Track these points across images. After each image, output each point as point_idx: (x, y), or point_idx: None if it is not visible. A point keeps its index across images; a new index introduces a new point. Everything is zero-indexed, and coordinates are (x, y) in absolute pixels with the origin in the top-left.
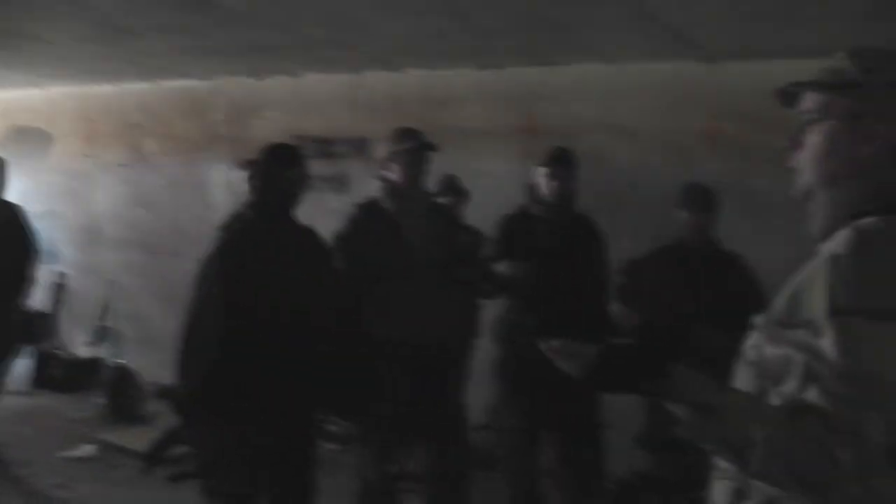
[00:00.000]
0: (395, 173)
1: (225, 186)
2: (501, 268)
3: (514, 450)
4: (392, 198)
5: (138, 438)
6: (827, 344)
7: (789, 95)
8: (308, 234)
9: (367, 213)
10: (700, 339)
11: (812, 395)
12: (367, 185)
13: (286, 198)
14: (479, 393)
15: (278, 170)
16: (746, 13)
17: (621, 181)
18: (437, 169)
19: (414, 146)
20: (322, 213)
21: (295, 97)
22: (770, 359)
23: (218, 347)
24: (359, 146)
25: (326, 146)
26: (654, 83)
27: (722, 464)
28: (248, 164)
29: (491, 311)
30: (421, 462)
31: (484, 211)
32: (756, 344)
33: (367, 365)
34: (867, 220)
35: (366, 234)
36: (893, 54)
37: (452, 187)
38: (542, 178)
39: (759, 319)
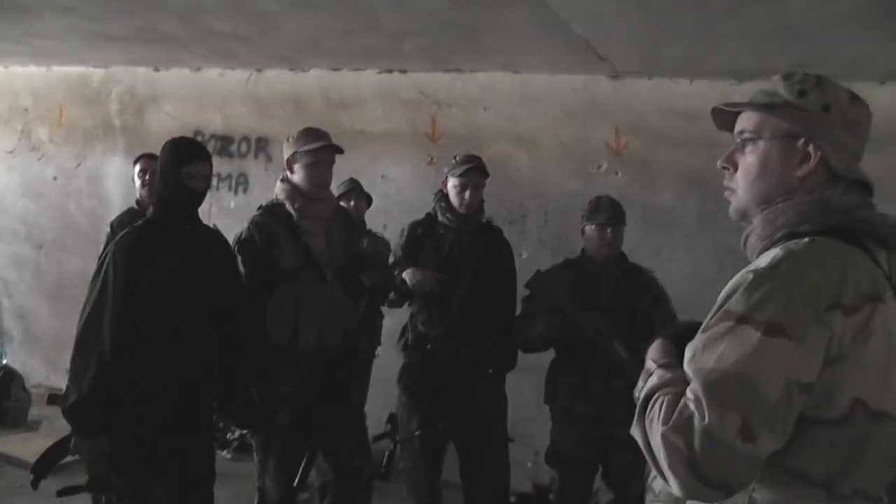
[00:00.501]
0: (298, 175)
1: (119, 180)
2: (407, 275)
3: (416, 460)
4: (295, 200)
5: (24, 446)
6: (706, 341)
7: (723, 116)
8: (211, 235)
9: (270, 215)
10: (611, 352)
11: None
12: (267, 185)
13: (189, 196)
14: (377, 402)
15: (181, 166)
16: (656, 32)
17: (524, 191)
18: (338, 172)
19: (319, 147)
20: (220, 212)
21: (194, 91)
22: None
23: (113, 353)
24: (259, 145)
25: (225, 144)
26: (560, 95)
27: (656, 486)
28: (146, 159)
29: (393, 319)
30: (322, 472)
31: (386, 216)
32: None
33: (267, 373)
34: (797, 242)
35: (268, 237)
36: (825, 79)
37: (354, 191)
38: (451, 187)
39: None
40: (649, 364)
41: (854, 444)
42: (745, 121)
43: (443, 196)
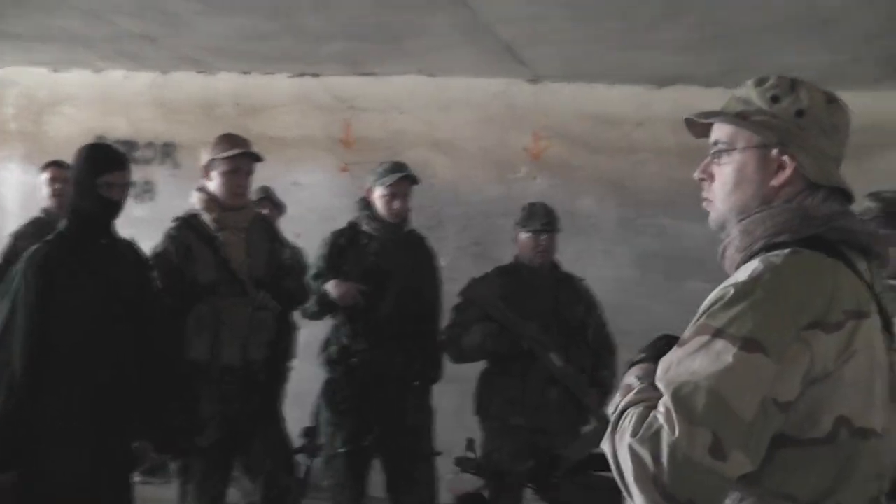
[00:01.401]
0: (215, 183)
1: (17, 188)
2: (330, 287)
3: (341, 478)
4: (212, 210)
5: None
6: (681, 355)
7: (697, 124)
8: (128, 248)
9: (186, 227)
10: (547, 362)
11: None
12: (174, 193)
13: (106, 207)
14: (291, 416)
15: (98, 175)
16: (582, 38)
17: (442, 197)
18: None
19: (237, 154)
20: (125, 222)
21: (97, 94)
22: None
23: (24, 379)
24: (165, 151)
25: (130, 149)
26: (479, 99)
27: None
28: (56, 167)
29: (309, 331)
30: (247, 492)
31: (300, 224)
32: None
33: (186, 392)
34: (777, 254)
35: (184, 250)
36: (798, 82)
37: (267, 199)
38: (379, 196)
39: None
40: (631, 380)
41: (840, 462)
42: (719, 131)
43: (366, 204)
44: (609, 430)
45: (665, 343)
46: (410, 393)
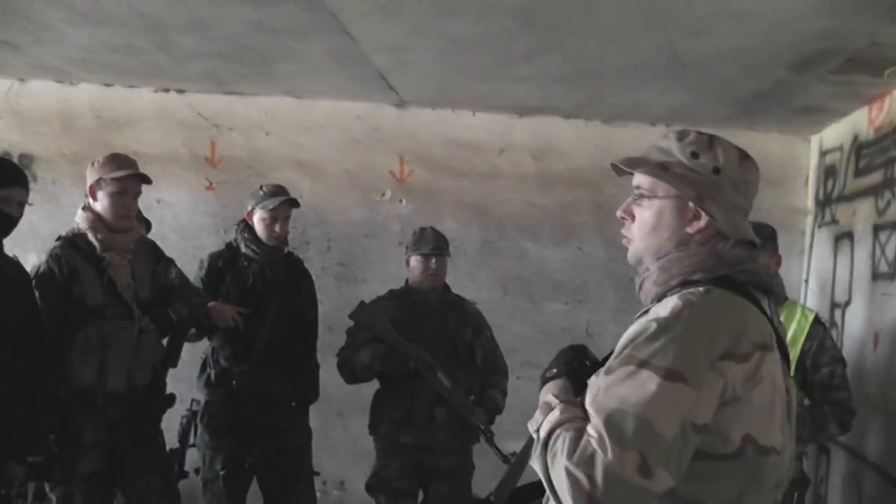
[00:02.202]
0: (101, 203)
1: None
2: (210, 308)
3: (221, 498)
4: (98, 231)
5: None
6: (608, 382)
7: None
8: (12, 266)
9: (70, 247)
10: (434, 382)
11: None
12: (30, 209)
13: (5, 224)
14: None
15: None
16: (453, 69)
17: (307, 217)
18: None
19: (126, 176)
20: None
21: None
22: None
23: None
24: (22, 163)
25: None
26: (344, 122)
27: None
28: None
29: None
30: None
31: (162, 241)
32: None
33: (66, 418)
34: (693, 291)
35: (69, 271)
36: (716, 139)
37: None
38: (259, 219)
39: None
40: (550, 398)
41: (746, 475)
42: (641, 177)
43: (246, 227)
44: (539, 448)
45: (572, 356)
46: (288, 414)
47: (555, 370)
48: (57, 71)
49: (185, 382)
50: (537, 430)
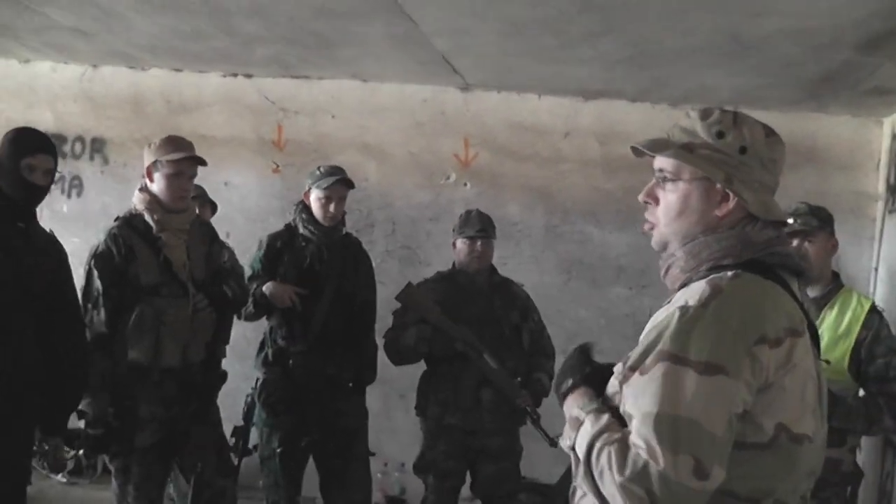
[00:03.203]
0: (158, 185)
1: None
2: (267, 289)
3: (277, 478)
4: (155, 212)
5: None
6: (649, 385)
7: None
8: (47, 239)
9: (128, 227)
10: (480, 364)
11: (630, 428)
12: (102, 189)
13: (28, 191)
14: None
15: (20, 158)
16: (514, 51)
17: (372, 201)
18: None
19: (182, 158)
20: (52, 217)
21: (22, 85)
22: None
23: None
24: (94, 146)
25: (58, 143)
26: (409, 105)
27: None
28: None
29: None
30: (183, 494)
31: (229, 224)
32: (615, 391)
33: (125, 393)
34: (721, 276)
35: (126, 251)
36: (741, 116)
37: (200, 198)
38: (315, 199)
39: (618, 366)
40: (576, 412)
41: (778, 464)
42: (664, 160)
43: (304, 207)
44: (582, 467)
45: (582, 361)
46: (345, 394)
47: (570, 381)
48: (127, 57)
49: (249, 361)
50: (572, 448)
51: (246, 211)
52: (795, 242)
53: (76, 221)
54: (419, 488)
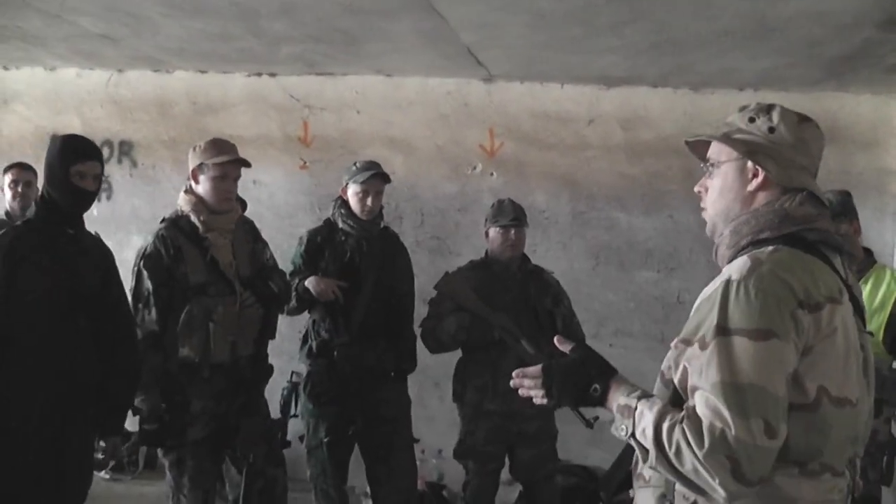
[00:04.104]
0: (203, 187)
1: None
2: (310, 283)
3: (324, 467)
4: (200, 213)
5: None
6: (709, 358)
7: (697, 147)
8: (94, 242)
9: (174, 228)
10: (518, 350)
11: (695, 402)
12: (132, 192)
13: (78, 197)
14: None
15: (70, 165)
16: (540, 42)
17: (400, 193)
18: None
19: (227, 161)
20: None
21: (49, 92)
22: (678, 378)
23: None
24: (122, 149)
25: None
26: (433, 98)
27: (646, 472)
28: (18, 169)
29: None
30: (235, 485)
31: (258, 221)
32: (669, 365)
33: (177, 389)
34: (762, 251)
35: (174, 251)
36: (774, 106)
37: None
38: (353, 193)
39: (675, 341)
40: (623, 401)
41: (821, 426)
42: (710, 150)
43: (342, 203)
44: (654, 453)
45: (592, 356)
46: (387, 384)
47: (596, 386)
48: (153, 60)
49: (285, 356)
50: (632, 436)
51: (275, 208)
52: None
53: (107, 225)
54: (457, 474)
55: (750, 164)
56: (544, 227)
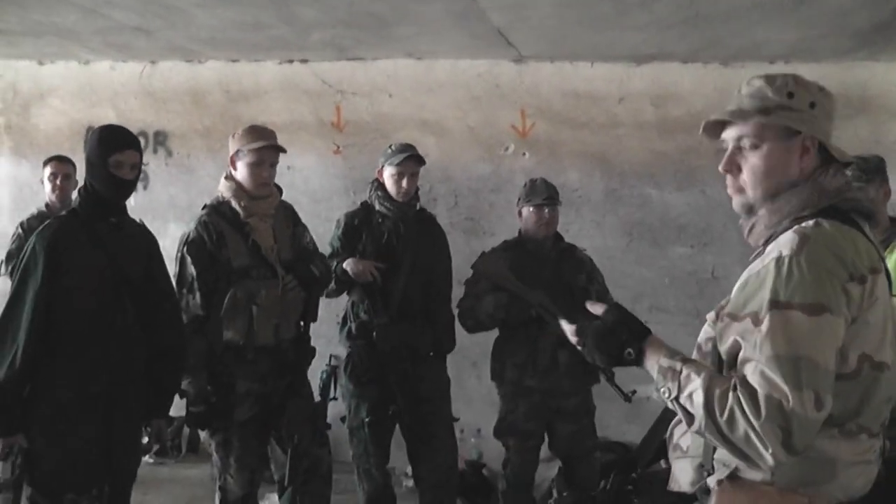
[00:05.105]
0: (241, 173)
1: (6, 182)
2: (348, 265)
3: (366, 446)
4: (241, 198)
5: None
6: (765, 332)
7: (711, 127)
8: (138, 229)
9: (216, 214)
10: (556, 327)
11: (746, 373)
12: (168, 181)
13: (118, 186)
14: None
15: (108, 155)
16: (569, 20)
17: (433, 175)
18: None
19: (262, 147)
20: None
21: (83, 85)
22: (725, 349)
23: (26, 353)
24: (157, 140)
25: None
26: (464, 80)
27: (683, 443)
28: (57, 162)
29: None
30: (280, 465)
31: (295, 207)
32: (710, 337)
33: (222, 371)
34: (807, 224)
35: (217, 237)
36: (800, 78)
37: None
38: (388, 175)
39: (710, 314)
40: (666, 363)
41: (861, 391)
42: (744, 127)
43: (379, 185)
44: (703, 418)
45: (622, 315)
46: (426, 363)
47: (630, 350)
48: (185, 51)
49: (323, 339)
50: (675, 399)
51: (310, 193)
52: None
53: (144, 214)
54: (495, 452)
55: (799, 140)
56: (577, 206)
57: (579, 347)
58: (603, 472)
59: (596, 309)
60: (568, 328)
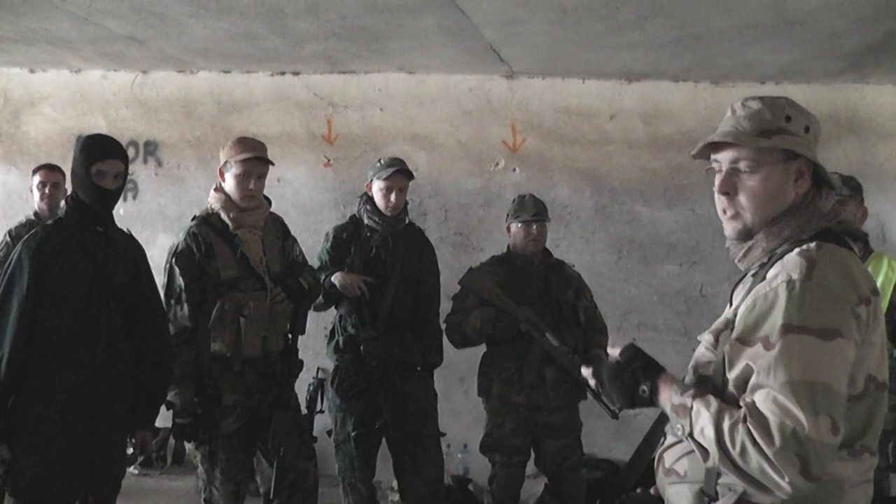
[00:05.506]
0: (228, 185)
1: None
2: (336, 279)
3: (352, 460)
4: (230, 210)
5: None
6: (778, 357)
7: (701, 147)
8: (125, 239)
9: (205, 225)
10: (543, 343)
11: (756, 400)
12: (157, 192)
13: (100, 196)
14: None
15: (90, 164)
16: (562, 38)
17: (423, 189)
18: None
19: (248, 159)
20: None
21: (75, 94)
22: (734, 375)
23: (11, 362)
24: (147, 149)
25: None
26: (456, 94)
27: (680, 467)
28: (46, 170)
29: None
30: (266, 478)
31: (285, 219)
32: (709, 360)
33: (209, 383)
34: (808, 248)
35: (206, 248)
36: (792, 101)
37: None
38: (377, 189)
39: (706, 336)
40: (678, 400)
41: (866, 411)
42: (742, 150)
43: (368, 199)
44: (715, 453)
45: (635, 353)
46: (414, 377)
47: (644, 387)
48: (178, 61)
49: (310, 351)
50: (689, 435)
51: (300, 205)
52: None
53: (133, 223)
54: (482, 468)
55: (797, 164)
56: (567, 222)
57: (597, 390)
58: (590, 489)
59: (614, 351)
60: (585, 371)
